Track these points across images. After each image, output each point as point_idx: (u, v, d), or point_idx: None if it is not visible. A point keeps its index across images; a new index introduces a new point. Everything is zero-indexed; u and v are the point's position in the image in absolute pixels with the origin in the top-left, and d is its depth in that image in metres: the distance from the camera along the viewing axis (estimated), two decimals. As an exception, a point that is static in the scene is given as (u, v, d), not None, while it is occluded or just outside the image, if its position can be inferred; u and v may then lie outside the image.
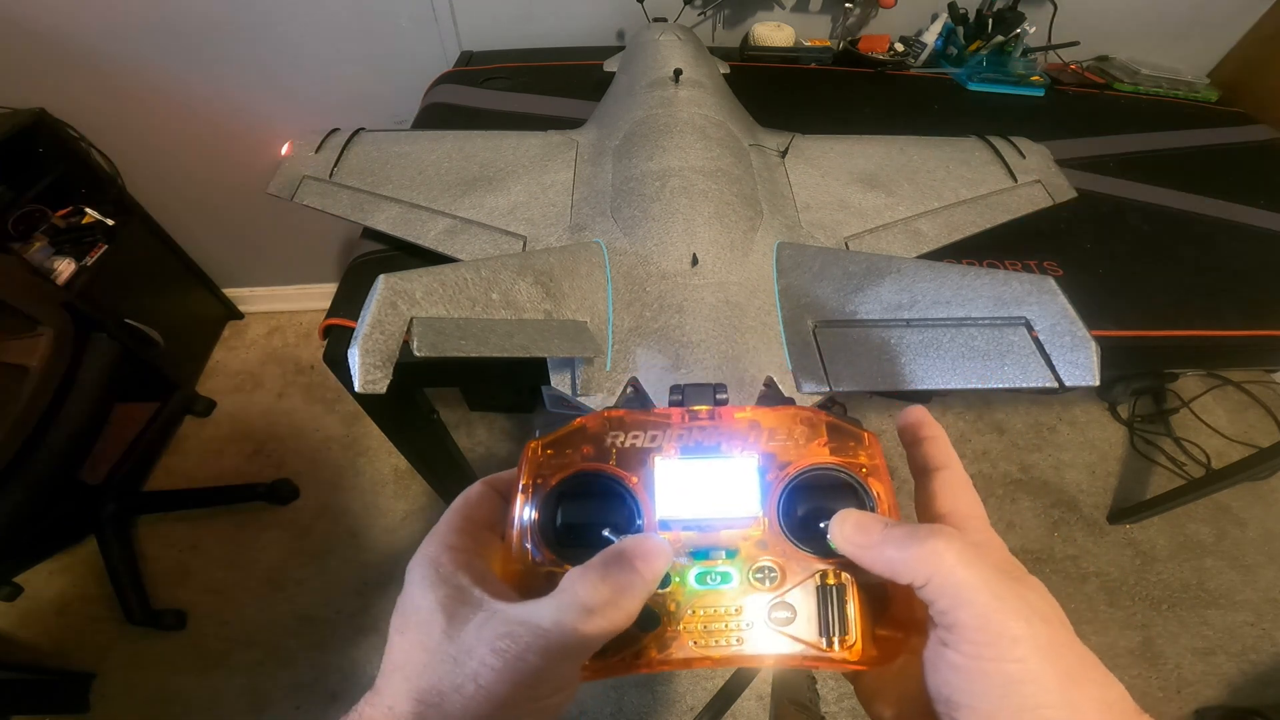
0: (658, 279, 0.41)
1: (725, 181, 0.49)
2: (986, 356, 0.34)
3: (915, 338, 0.36)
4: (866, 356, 0.36)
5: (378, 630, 1.10)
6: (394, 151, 0.60)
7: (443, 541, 0.21)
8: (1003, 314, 0.35)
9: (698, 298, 0.40)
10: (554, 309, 0.37)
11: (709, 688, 1.03)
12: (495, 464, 1.33)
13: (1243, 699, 1.03)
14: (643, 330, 0.39)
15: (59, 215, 1.13)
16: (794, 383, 0.37)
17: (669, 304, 0.40)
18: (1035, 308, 0.34)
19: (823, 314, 0.39)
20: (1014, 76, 0.93)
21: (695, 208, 0.46)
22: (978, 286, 0.36)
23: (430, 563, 0.21)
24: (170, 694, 1.04)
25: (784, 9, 1.01)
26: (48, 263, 1.06)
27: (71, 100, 1.09)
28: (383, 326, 0.29)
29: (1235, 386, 1.48)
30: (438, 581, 0.20)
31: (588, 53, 0.94)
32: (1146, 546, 1.22)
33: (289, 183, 0.56)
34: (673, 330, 0.38)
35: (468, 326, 0.32)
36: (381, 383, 0.28)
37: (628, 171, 0.51)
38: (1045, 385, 0.33)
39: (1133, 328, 0.55)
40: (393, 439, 0.68)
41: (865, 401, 1.45)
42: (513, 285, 0.36)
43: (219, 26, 1.02)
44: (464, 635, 0.18)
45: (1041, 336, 0.33)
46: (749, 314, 0.40)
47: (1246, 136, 0.90)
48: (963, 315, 0.36)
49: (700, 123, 0.55)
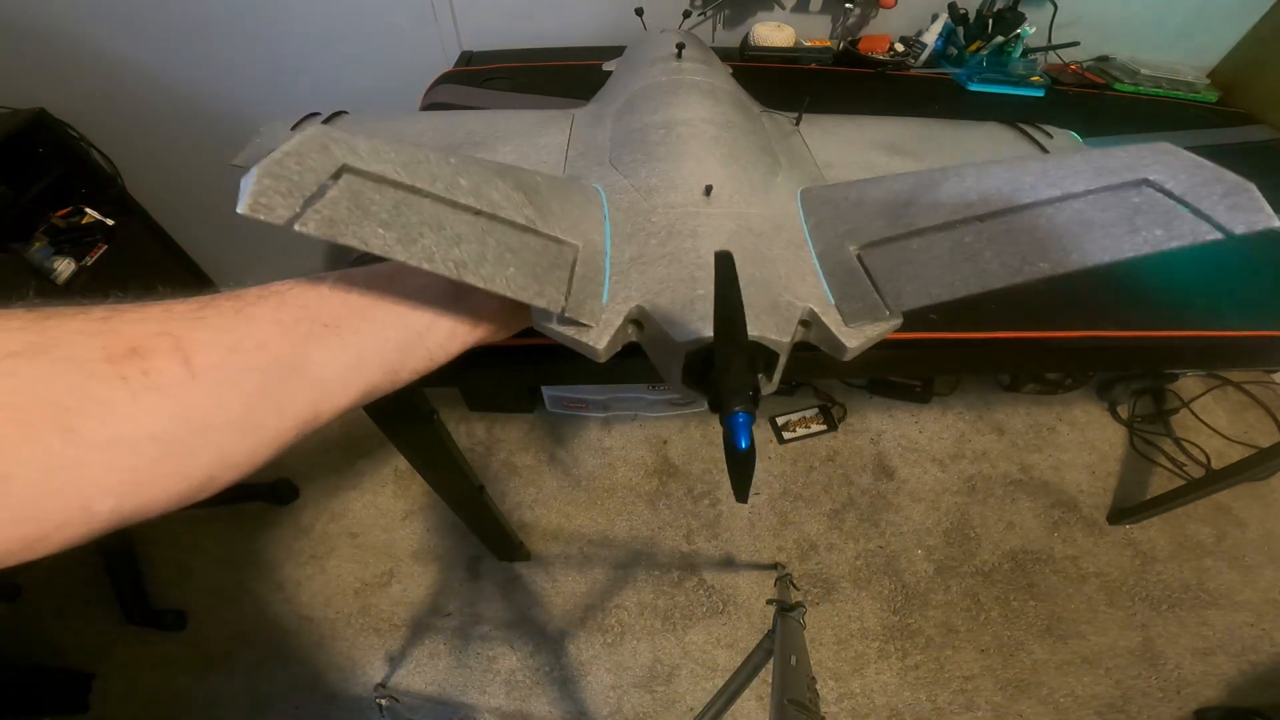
0: (665, 209, 0.37)
1: (737, 132, 0.45)
2: (1108, 225, 0.27)
3: (999, 227, 0.29)
4: (935, 264, 0.30)
5: (378, 630, 1.10)
6: (375, 126, 0.58)
7: None
8: (1113, 182, 0.28)
9: (714, 224, 0.35)
10: (537, 219, 0.30)
11: (709, 688, 1.04)
12: (495, 464, 1.33)
13: (1243, 699, 1.03)
14: (648, 258, 0.33)
15: (59, 215, 1.13)
16: (837, 318, 0.32)
17: (680, 230, 0.35)
18: (1158, 169, 0.27)
19: (868, 238, 0.33)
20: (1014, 77, 0.93)
21: (706, 150, 0.41)
22: (1069, 167, 0.29)
23: None
24: (170, 694, 1.04)
25: (784, 9, 1.01)
26: (47, 263, 1.06)
27: (71, 100, 1.09)
28: (301, 158, 0.22)
29: (1235, 387, 1.48)
30: None
31: (588, 53, 0.94)
32: (1146, 547, 1.22)
33: (257, 157, 0.56)
34: (686, 254, 0.33)
35: (406, 210, 0.24)
36: (280, 211, 0.21)
37: (630, 125, 0.47)
38: (1204, 238, 0.25)
39: (1133, 328, 0.55)
40: (392, 439, 0.68)
41: (866, 401, 1.46)
42: (488, 181, 0.28)
43: (219, 27, 1.02)
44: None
45: (1178, 192, 0.26)
46: (775, 245, 0.35)
47: (1246, 137, 0.90)
48: (1059, 194, 0.29)
49: (706, 86, 0.52)
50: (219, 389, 0.21)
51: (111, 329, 0.20)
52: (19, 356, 0.18)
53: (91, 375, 0.18)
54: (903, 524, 1.24)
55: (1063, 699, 1.04)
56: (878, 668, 1.07)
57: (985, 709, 1.03)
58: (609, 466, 1.33)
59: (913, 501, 1.27)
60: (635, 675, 1.06)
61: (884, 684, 1.05)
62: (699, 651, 1.09)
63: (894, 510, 1.26)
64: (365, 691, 1.02)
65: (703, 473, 1.32)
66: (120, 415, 0.19)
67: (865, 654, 1.09)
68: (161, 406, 0.19)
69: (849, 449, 1.37)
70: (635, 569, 1.18)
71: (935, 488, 1.29)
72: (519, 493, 1.29)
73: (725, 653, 1.09)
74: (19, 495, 0.17)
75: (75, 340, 0.19)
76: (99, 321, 0.20)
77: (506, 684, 1.05)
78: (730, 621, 1.12)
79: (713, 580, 1.17)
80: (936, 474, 1.31)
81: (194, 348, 0.21)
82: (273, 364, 0.23)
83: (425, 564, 1.19)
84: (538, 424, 1.40)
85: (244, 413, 0.22)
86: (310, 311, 0.25)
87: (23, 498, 0.17)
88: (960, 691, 1.05)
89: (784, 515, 1.26)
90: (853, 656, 1.08)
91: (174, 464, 0.20)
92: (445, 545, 1.21)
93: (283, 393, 0.23)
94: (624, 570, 1.18)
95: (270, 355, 0.23)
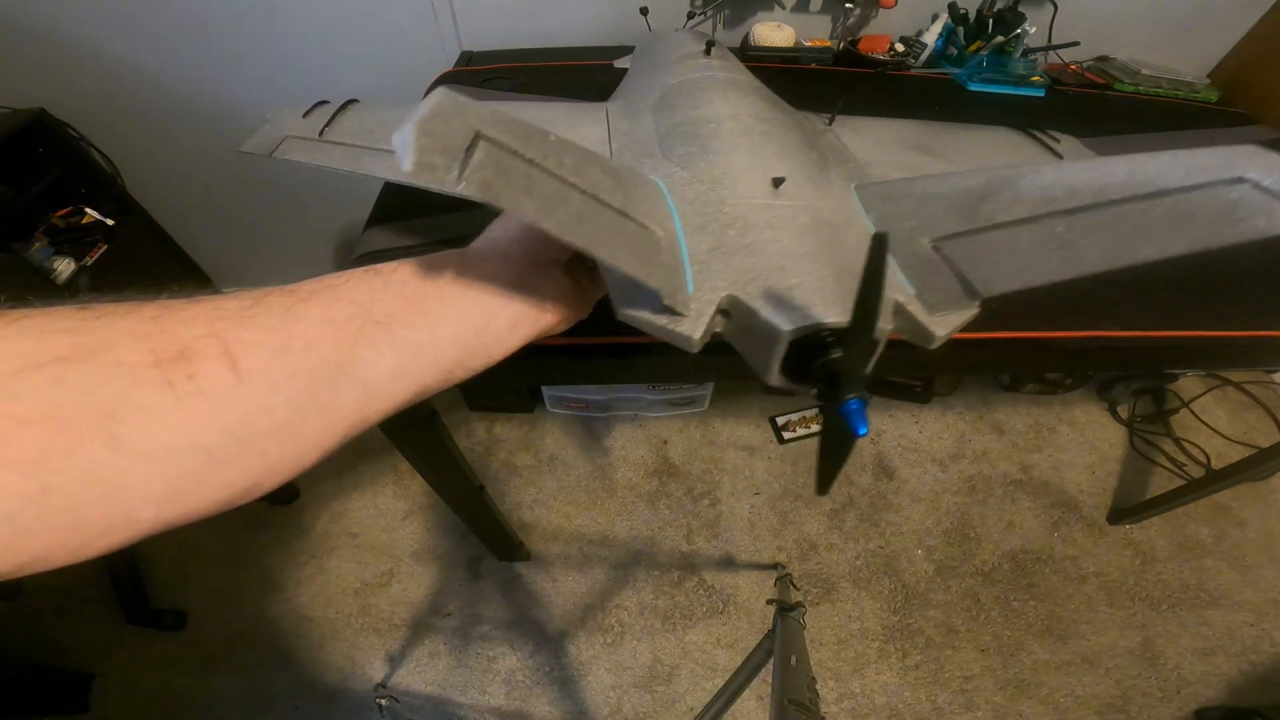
0: (735, 201, 0.36)
1: (783, 128, 0.46)
2: (1210, 217, 0.29)
3: (1092, 220, 0.31)
4: (1023, 253, 0.32)
5: (378, 630, 1.10)
6: (396, 114, 0.56)
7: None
8: (1208, 179, 0.30)
9: (789, 216, 0.35)
10: (626, 205, 0.29)
11: (709, 688, 1.04)
12: (495, 464, 1.33)
13: (1243, 699, 1.03)
14: (727, 249, 0.33)
15: (59, 215, 1.13)
16: (920, 307, 0.32)
17: (755, 222, 0.35)
18: (1253, 168, 0.29)
19: (942, 232, 0.35)
20: (1014, 77, 0.93)
21: (759, 145, 0.42)
22: (1158, 167, 0.32)
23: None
24: (170, 694, 1.04)
25: (784, 9, 1.01)
26: (47, 263, 1.06)
27: (71, 100, 1.09)
28: (446, 119, 0.21)
29: (1235, 387, 1.48)
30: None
31: (588, 52, 0.94)
32: (1146, 547, 1.22)
33: (268, 142, 0.55)
34: (768, 244, 0.33)
35: (536, 181, 0.24)
36: (441, 172, 0.20)
37: (673, 119, 0.47)
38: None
39: (1133, 328, 0.55)
40: (393, 439, 0.68)
41: (865, 401, 1.45)
42: (586, 162, 0.28)
43: (219, 27, 1.02)
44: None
45: (1276, 188, 0.29)
46: (849, 237, 0.35)
47: (1246, 137, 0.90)
48: (1153, 190, 0.31)
49: (744, 83, 0.53)
50: (265, 394, 0.21)
51: (161, 329, 0.20)
52: (66, 361, 0.17)
53: (138, 381, 0.18)
54: (903, 524, 1.24)
55: (1063, 699, 1.04)
56: (878, 668, 1.07)
57: (985, 709, 1.03)
58: (609, 466, 1.33)
59: (913, 501, 1.27)
60: (635, 675, 1.06)
61: (884, 684, 1.05)
62: (699, 651, 1.09)
63: (894, 510, 1.26)
64: (365, 691, 1.02)
65: (703, 473, 1.32)
66: (165, 423, 0.18)
67: (865, 654, 1.09)
68: (207, 414, 0.19)
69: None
70: (635, 569, 1.18)
71: (935, 488, 1.29)
72: (519, 493, 1.29)
73: (725, 653, 1.09)
74: (60, 505, 0.17)
75: (124, 343, 0.19)
76: (149, 321, 0.20)
77: (506, 684, 1.05)
78: (730, 621, 1.12)
79: (713, 580, 1.17)
80: (936, 474, 1.31)
81: (241, 350, 0.20)
82: (320, 365, 0.22)
83: (425, 564, 1.19)
84: (538, 424, 1.40)
85: (290, 418, 0.21)
86: (362, 308, 0.24)
87: (64, 507, 0.17)
88: (960, 691, 1.05)
89: (784, 515, 1.26)
90: (853, 656, 1.08)
91: (217, 472, 0.20)
92: (445, 545, 1.21)
93: (330, 395, 0.22)
94: (624, 570, 1.18)
95: (318, 356, 0.22)
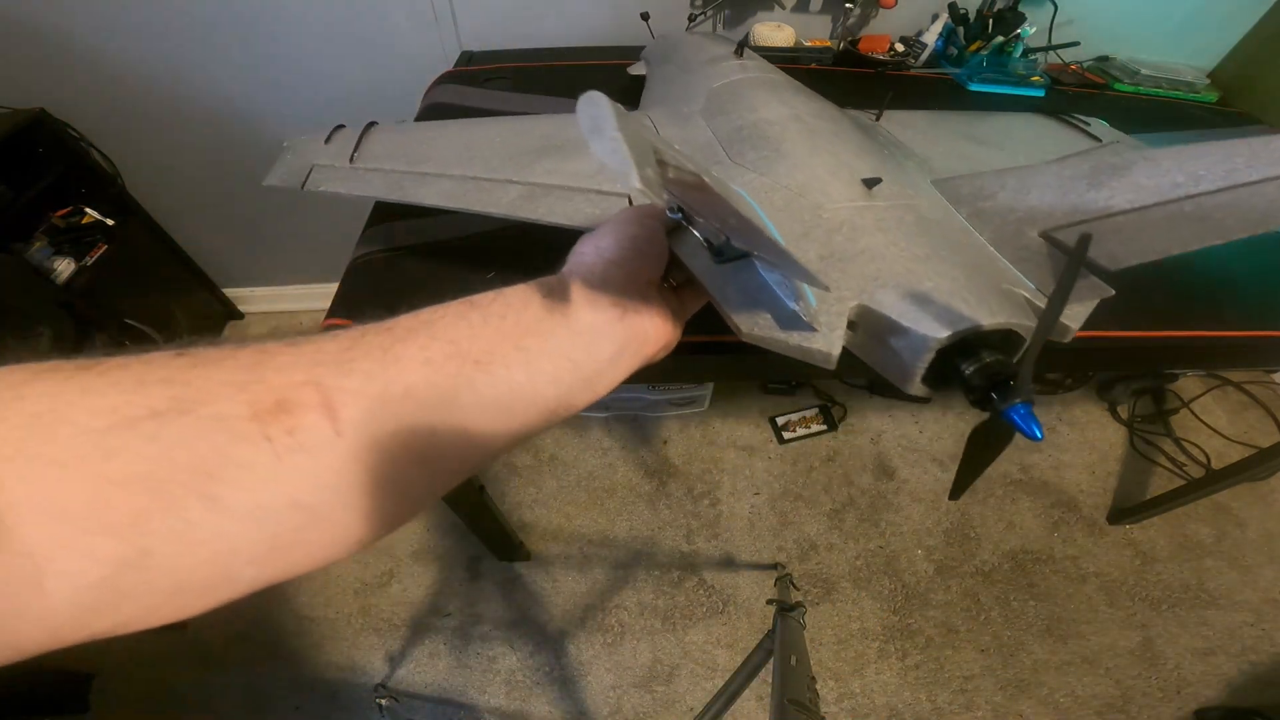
0: (833, 205, 0.34)
1: (847, 126, 0.44)
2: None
3: (1220, 200, 0.34)
4: (1150, 232, 0.33)
5: (378, 630, 1.10)
6: (425, 136, 0.56)
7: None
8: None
9: (894, 216, 0.33)
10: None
11: (709, 688, 1.04)
12: (495, 464, 1.33)
13: (1243, 699, 1.03)
14: (840, 255, 0.31)
15: (59, 215, 1.13)
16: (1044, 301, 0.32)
17: (862, 226, 0.32)
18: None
19: (1050, 222, 0.34)
20: (1014, 77, 0.93)
21: (833, 145, 0.40)
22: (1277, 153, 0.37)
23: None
24: (170, 694, 1.04)
25: (784, 9, 1.01)
26: (47, 263, 1.06)
27: (71, 100, 1.09)
28: (631, 133, 0.19)
29: (1235, 387, 1.48)
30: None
31: (588, 53, 0.94)
32: (1146, 547, 1.22)
33: (294, 172, 0.54)
34: (884, 249, 0.31)
35: (710, 196, 0.23)
36: (657, 187, 0.19)
37: (732, 124, 0.45)
38: None
39: (1133, 328, 0.55)
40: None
41: (866, 401, 1.46)
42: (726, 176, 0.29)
43: (219, 27, 1.02)
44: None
45: None
46: (953, 232, 0.34)
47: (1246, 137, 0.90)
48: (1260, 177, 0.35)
49: (783, 82, 0.51)
50: (364, 448, 0.20)
51: (258, 379, 0.19)
52: (162, 417, 0.17)
53: (236, 436, 0.17)
54: (903, 524, 1.24)
55: (1063, 699, 1.04)
56: (878, 668, 1.07)
57: (985, 709, 1.03)
58: (609, 466, 1.33)
59: (913, 501, 1.27)
60: (635, 675, 1.06)
61: (884, 684, 1.05)
62: (699, 651, 1.09)
63: (894, 510, 1.26)
64: (365, 691, 1.02)
65: (703, 473, 1.32)
66: (264, 480, 0.18)
67: (865, 654, 1.09)
68: (306, 470, 0.18)
69: (849, 449, 1.37)
70: (635, 569, 1.18)
71: (935, 488, 1.29)
72: (519, 493, 1.29)
73: (725, 653, 1.08)
74: (160, 568, 0.16)
75: (221, 393, 0.18)
76: (246, 370, 0.19)
77: (506, 684, 1.05)
78: (730, 621, 1.12)
79: (713, 580, 1.17)
80: (937, 474, 1.31)
81: (340, 399, 0.20)
82: (419, 411, 0.21)
83: (425, 564, 1.19)
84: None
85: (390, 471, 0.20)
86: (459, 346, 0.23)
87: (163, 569, 0.16)
88: (960, 691, 1.05)
89: (784, 515, 1.26)
90: (853, 656, 1.08)
91: (318, 530, 0.19)
92: (445, 545, 1.21)
93: (429, 445, 0.21)
94: (624, 570, 1.18)
95: (416, 403, 0.21)
